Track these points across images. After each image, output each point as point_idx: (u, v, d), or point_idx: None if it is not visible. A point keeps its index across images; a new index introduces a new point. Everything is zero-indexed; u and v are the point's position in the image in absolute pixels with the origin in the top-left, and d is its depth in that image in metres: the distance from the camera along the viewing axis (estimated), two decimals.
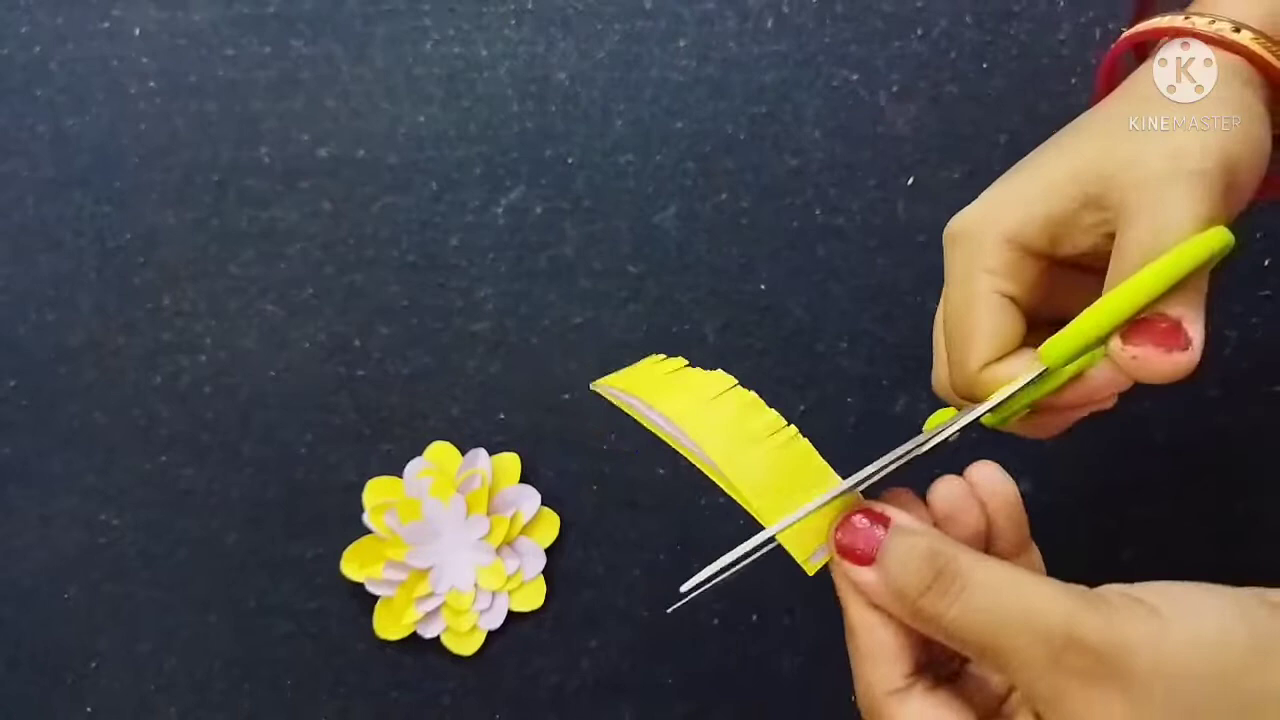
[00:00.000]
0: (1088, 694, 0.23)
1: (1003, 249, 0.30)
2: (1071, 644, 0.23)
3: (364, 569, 0.45)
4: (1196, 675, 0.22)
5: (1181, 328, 0.27)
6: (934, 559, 0.25)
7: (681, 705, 0.44)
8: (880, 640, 0.26)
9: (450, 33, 0.49)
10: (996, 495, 0.29)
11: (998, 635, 0.24)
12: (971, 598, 0.24)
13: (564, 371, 0.46)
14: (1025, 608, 0.23)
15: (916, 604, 0.25)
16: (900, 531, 0.26)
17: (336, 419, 0.47)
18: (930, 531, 0.26)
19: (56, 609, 0.46)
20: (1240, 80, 0.30)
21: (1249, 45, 0.30)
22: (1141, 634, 0.23)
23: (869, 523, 0.26)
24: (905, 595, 0.25)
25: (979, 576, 0.24)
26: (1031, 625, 0.23)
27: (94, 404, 0.47)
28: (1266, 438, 0.44)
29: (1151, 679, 0.22)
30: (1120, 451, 0.44)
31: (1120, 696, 0.22)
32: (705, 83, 0.48)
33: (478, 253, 0.47)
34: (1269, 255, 0.45)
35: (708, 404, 0.30)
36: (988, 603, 0.24)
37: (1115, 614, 0.23)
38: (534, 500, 0.45)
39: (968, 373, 0.30)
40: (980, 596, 0.24)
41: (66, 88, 0.50)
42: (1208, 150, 0.28)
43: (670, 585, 0.45)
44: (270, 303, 0.48)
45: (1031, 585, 0.24)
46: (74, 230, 0.49)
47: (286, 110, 0.49)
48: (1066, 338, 0.28)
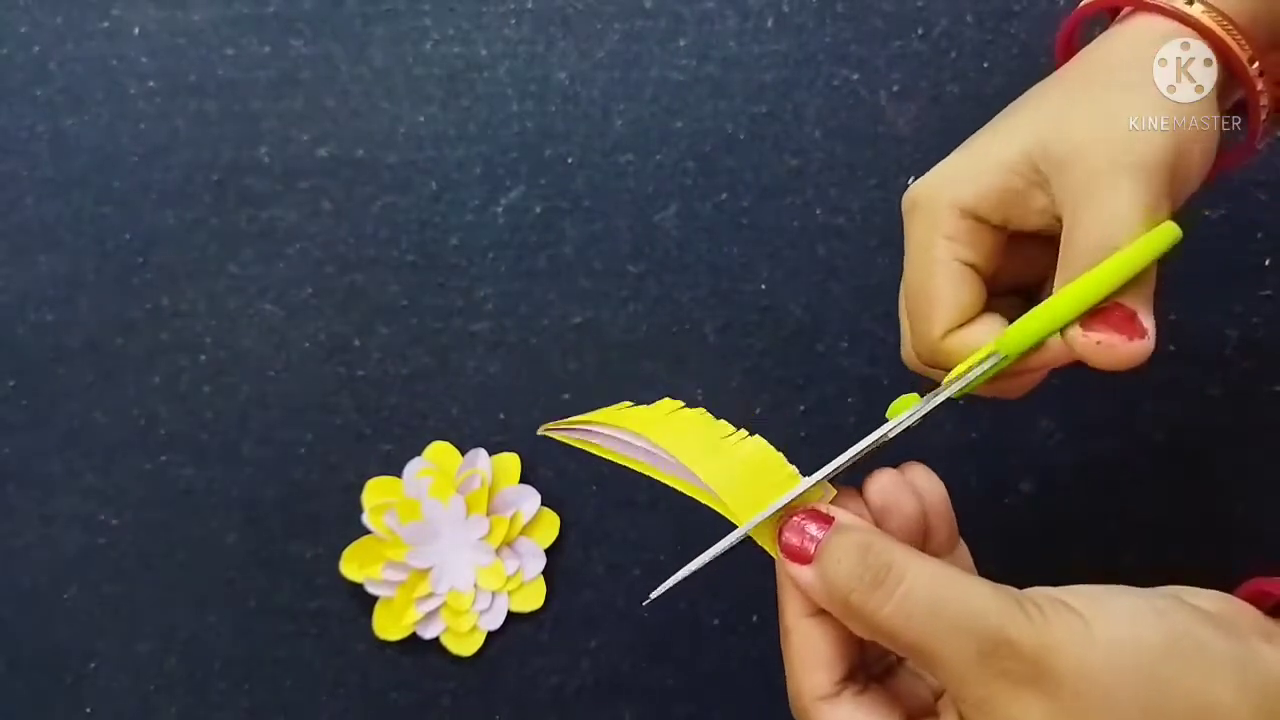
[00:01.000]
0: (1015, 696, 0.23)
1: (959, 218, 0.30)
2: (1002, 647, 0.23)
3: (363, 569, 0.45)
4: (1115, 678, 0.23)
5: (1138, 318, 0.28)
6: (867, 554, 0.25)
7: (681, 706, 0.44)
8: (814, 646, 0.27)
9: (450, 32, 0.49)
10: (927, 493, 0.29)
11: (930, 635, 0.24)
12: (905, 596, 0.24)
13: (564, 371, 0.46)
14: (959, 609, 0.23)
15: (850, 600, 0.25)
16: (839, 530, 0.26)
17: (336, 419, 0.47)
18: (867, 527, 0.26)
19: (56, 609, 0.46)
20: None
21: (1201, 19, 0.30)
22: (1066, 637, 0.23)
23: (813, 523, 0.27)
24: (838, 591, 0.25)
25: (913, 574, 0.24)
26: (964, 626, 0.23)
27: (93, 404, 0.47)
28: (1266, 438, 0.44)
29: (1075, 682, 0.22)
30: (1120, 451, 0.44)
31: (1044, 700, 0.23)
32: (705, 82, 0.47)
33: (477, 252, 0.47)
34: (1269, 255, 0.45)
35: (665, 418, 0.30)
36: (921, 601, 0.24)
37: (1044, 617, 0.23)
38: (534, 500, 0.45)
39: (931, 340, 0.30)
40: (914, 595, 0.24)
41: (66, 87, 0.50)
42: (1156, 142, 0.28)
43: None
44: (270, 302, 0.48)
45: (965, 585, 0.24)
46: (73, 230, 0.49)
47: (286, 110, 0.49)
48: (1024, 330, 0.28)
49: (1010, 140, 0.30)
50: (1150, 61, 0.30)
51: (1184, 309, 0.45)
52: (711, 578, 0.45)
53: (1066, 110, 0.30)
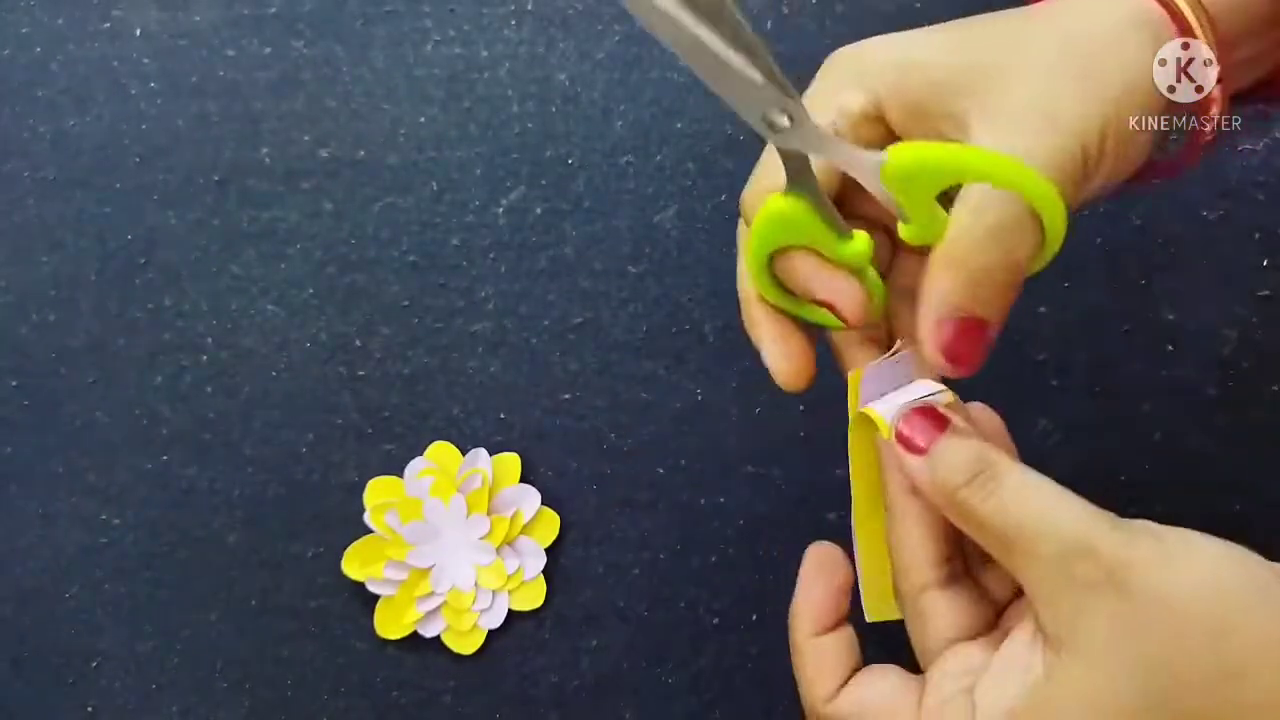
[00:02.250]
0: (1085, 600, 0.24)
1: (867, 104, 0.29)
2: (1084, 551, 0.24)
3: (365, 568, 0.45)
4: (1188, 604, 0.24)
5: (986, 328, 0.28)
6: (980, 457, 0.26)
7: (681, 705, 0.44)
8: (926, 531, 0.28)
9: (451, 33, 0.49)
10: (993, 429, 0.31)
11: (1020, 531, 0.25)
12: (1005, 494, 0.26)
13: (564, 371, 0.46)
14: (1051, 510, 0.25)
15: (957, 494, 0.26)
16: (956, 431, 0.27)
17: (337, 419, 0.47)
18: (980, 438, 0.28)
19: (58, 608, 0.46)
20: (1142, 30, 0.28)
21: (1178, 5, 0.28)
22: (1148, 556, 0.24)
23: (929, 421, 0.28)
24: (948, 485, 0.26)
25: (1015, 478, 0.26)
26: (1052, 526, 0.25)
27: (95, 404, 0.48)
28: (1266, 438, 0.44)
29: (1148, 598, 0.24)
30: (1120, 451, 0.44)
31: (1114, 607, 0.24)
32: None
33: (478, 253, 0.48)
34: (1268, 255, 0.45)
35: None
36: (1018, 500, 0.25)
37: (1130, 536, 0.25)
38: (534, 500, 0.45)
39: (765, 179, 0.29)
40: (1013, 495, 0.26)
41: (67, 88, 0.50)
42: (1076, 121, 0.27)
43: (670, 584, 0.45)
44: (271, 303, 0.48)
45: (1060, 493, 0.26)
46: (75, 231, 0.49)
47: (287, 111, 0.49)
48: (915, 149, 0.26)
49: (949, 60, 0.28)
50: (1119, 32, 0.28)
51: (1183, 309, 0.45)
52: (711, 577, 0.45)
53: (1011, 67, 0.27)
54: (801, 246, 0.28)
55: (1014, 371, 0.45)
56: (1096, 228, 0.46)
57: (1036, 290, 0.45)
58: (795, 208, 0.27)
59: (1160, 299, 0.45)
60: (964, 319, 0.27)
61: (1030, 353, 0.45)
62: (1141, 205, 0.46)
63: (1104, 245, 0.45)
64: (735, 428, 0.45)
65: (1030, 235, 0.27)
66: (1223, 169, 0.46)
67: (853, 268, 0.28)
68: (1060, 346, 0.45)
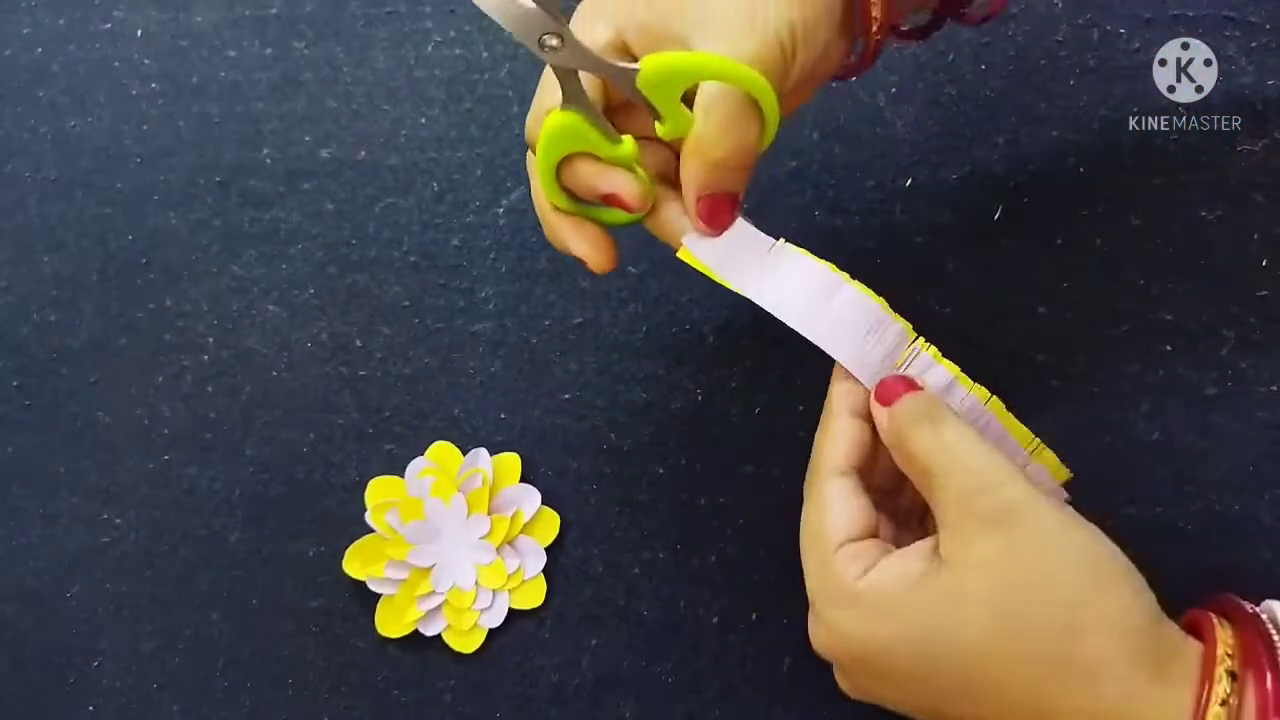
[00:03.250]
0: (974, 528, 0.30)
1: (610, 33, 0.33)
2: (985, 489, 0.30)
3: (366, 567, 0.45)
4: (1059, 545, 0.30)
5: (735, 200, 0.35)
6: (931, 407, 0.33)
7: (681, 705, 0.44)
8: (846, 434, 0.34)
9: (451, 34, 0.49)
10: None
11: (941, 464, 0.31)
12: (939, 436, 0.32)
13: (564, 371, 0.47)
14: (968, 454, 0.31)
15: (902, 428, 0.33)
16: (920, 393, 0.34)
17: (338, 418, 0.47)
18: (940, 399, 0.34)
19: (59, 608, 0.47)
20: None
21: None
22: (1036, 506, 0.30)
23: (904, 385, 0.34)
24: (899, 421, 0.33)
25: (951, 426, 0.32)
26: (965, 466, 0.31)
27: (97, 404, 0.48)
28: (1266, 438, 0.44)
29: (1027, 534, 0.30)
30: (1119, 451, 0.44)
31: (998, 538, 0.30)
32: None
33: (479, 253, 0.48)
34: (1267, 255, 0.45)
35: None
36: (947, 442, 0.32)
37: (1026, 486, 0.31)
38: (534, 499, 0.45)
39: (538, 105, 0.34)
40: (944, 437, 0.32)
41: (69, 89, 0.50)
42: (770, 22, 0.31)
43: (670, 583, 0.45)
44: (272, 303, 0.48)
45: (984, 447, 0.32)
46: (76, 231, 0.49)
47: (288, 112, 0.49)
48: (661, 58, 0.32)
49: None
50: None
51: (1183, 309, 0.45)
52: (712, 577, 0.45)
53: None
54: (582, 153, 0.33)
55: (1014, 371, 0.45)
56: (1096, 228, 0.46)
57: (1037, 290, 0.45)
58: (572, 120, 0.32)
59: (1160, 299, 0.45)
60: (713, 194, 0.34)
61: (1030, 353, 0.45)
62: (1141, 205, 0.46)
63: (1104, 245, 0.45)
64: (735, 428, 0.45)
65: (753, 122, 0.33)
66: (1222, 170, 0.46)
67: (626, 166, 0.34)
68: (1060, 346, 0.45)
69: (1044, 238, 0.46)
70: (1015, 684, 0.29)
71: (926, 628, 0.30)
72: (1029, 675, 0.29)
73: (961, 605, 0.30)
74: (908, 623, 0.30)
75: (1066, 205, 0.46)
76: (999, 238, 0.46)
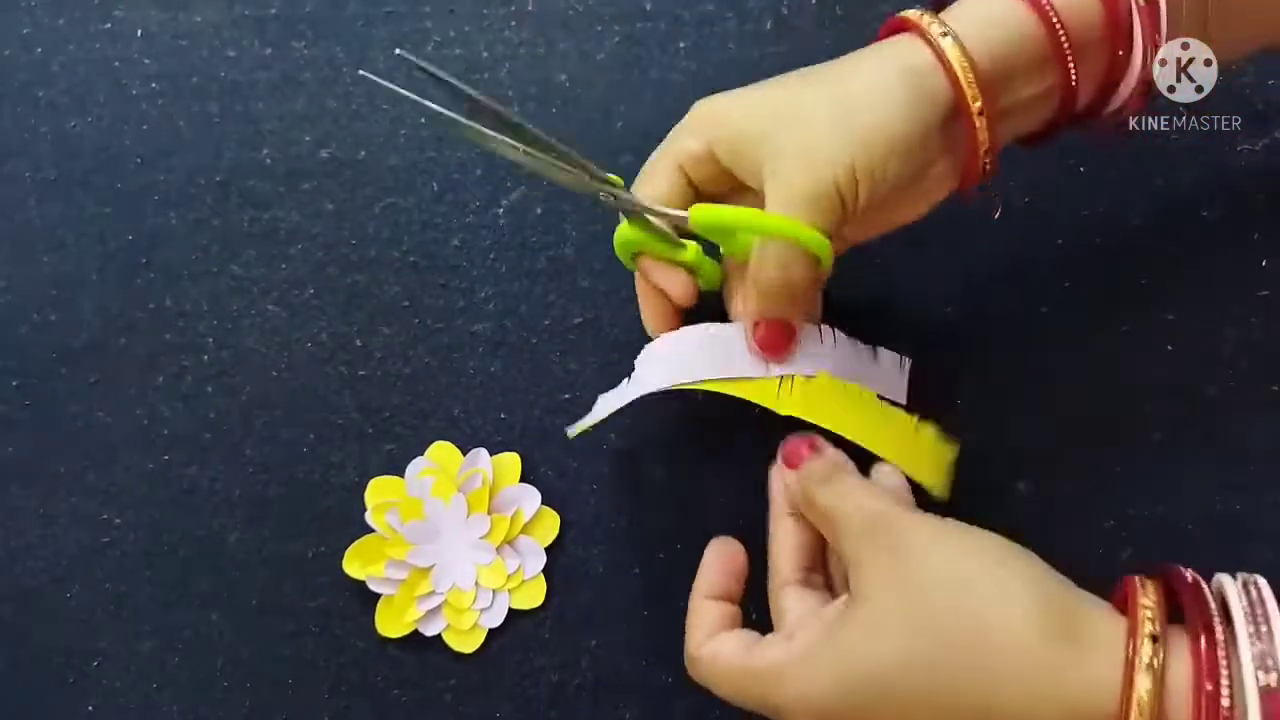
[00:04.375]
0: (874, 559, 0.32)
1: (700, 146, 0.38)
2: (880, 523, 0.33)
3: (366, 567, 0.45)
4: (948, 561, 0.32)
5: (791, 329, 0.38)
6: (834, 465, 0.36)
7: (681, 705, 0.44)
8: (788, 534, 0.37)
9: (451, 34, 0.49)
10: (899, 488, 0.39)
11: (843, 511, 0.34)
12: (840, 488, 0.35)
13: (564, 371, 0.47)
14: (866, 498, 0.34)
15: (808, 489, 0.36)
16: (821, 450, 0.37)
17: (338, 418, 0.47)
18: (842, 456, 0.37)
19: (58, 608, 0.46)
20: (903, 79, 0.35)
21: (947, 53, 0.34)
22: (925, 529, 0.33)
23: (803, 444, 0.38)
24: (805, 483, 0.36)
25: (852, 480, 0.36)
26: (862, 508, 0.34)
27: (96, 404, 0.48)
28: (1266, 438, 0.44)
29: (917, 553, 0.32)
30: (1119, 451, 0.44)
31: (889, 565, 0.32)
32: (705, 84, 0.48)
33: (479, 253, 0.48)
34: (1268, 255, 0.45)
35: None
36: (847, 492, 0.35)
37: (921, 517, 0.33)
38: (534, 499, 0.45)
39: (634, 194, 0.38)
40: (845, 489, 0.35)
41: (68, 89, 0.50)
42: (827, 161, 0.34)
43: (670, 584, 0.45)
44: (272, 303, 0.48)
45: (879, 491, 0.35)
46: (76, 231, 0.49)
47: (288, 112, 0.49)
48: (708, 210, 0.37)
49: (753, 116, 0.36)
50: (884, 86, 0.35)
51: (1182, 309, 0.45)
52: None
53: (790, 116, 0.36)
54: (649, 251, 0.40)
55: (1014, 371, 0.45)
56: (1097, 228, 0.46)
57: (1037, 290, 0.45)
58: (634, 232, 0.39)
59: (1160, 299, 0.45)
60: (770, 320, 0.38)
61: (1030, 353, 0.45)
62: (1141, 205, 0.46)
63: (1103, 245, 0.46)
64: (735, 427, 0.45)
65: (803, 264, 0.36)
66: (1222, 170, 0.46)
67: (690, 265, 0.39)
68: (1061, 346, 0.45)
69: (1044, 238, 0.46)
70: (944, 691, 0.30)
71: (851, 661, 0.31)
72: (954, 681, 0.30)
73: (875, 631, 0.31)
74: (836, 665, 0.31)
75: (1066, 205, 0.46)
76: (999, 238, 0.46)
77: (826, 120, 0.34)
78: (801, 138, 0.35)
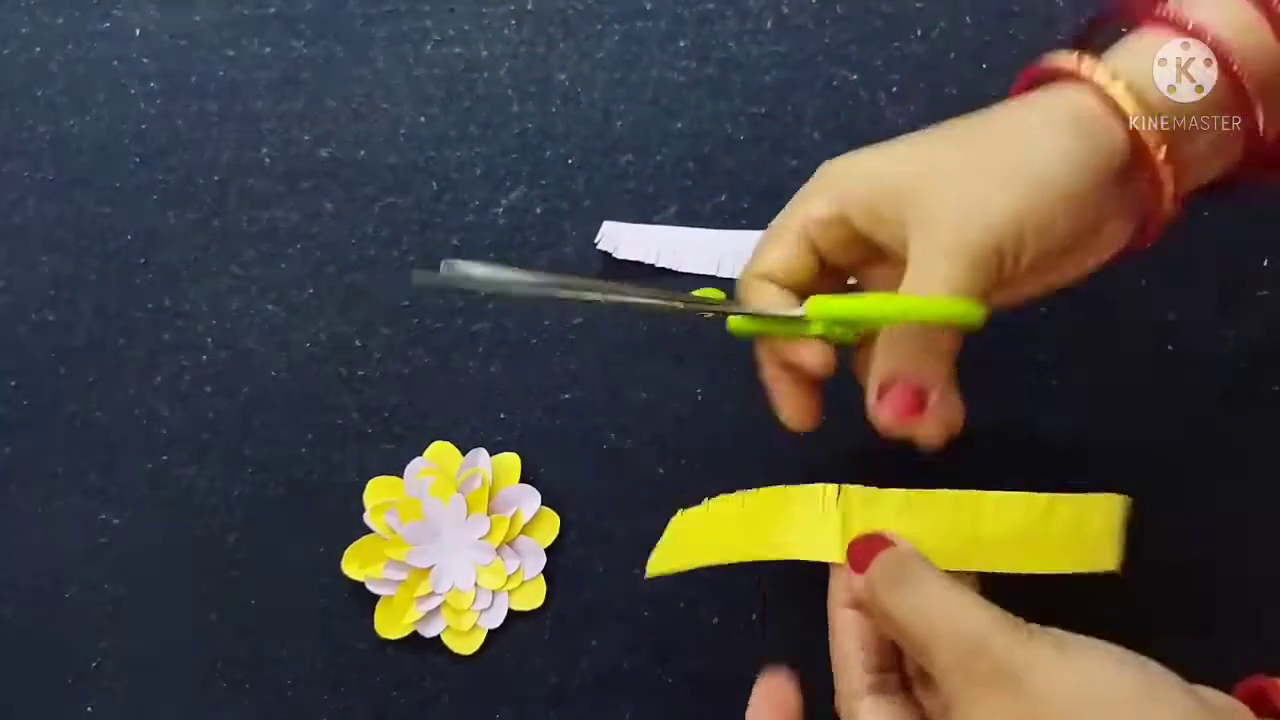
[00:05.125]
0: (981, 694, 0.26)
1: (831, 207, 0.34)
2: (982, 651, 0.27)
3: (365, 568, 0.45)
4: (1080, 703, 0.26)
5: (922, 395, 0.32)
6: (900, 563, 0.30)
7: (681, 705, 0.44)
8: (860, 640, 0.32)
9: (450, 33, 0.49)
10: None
11: (930, 631, 0.28)
12: (920, 599, 0.29)
13: (564, 371, 0.47)
14: (955, 613, 0.28)
15: (878, 599, 0.30)
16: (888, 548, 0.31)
17: (337, 419, 0.47)
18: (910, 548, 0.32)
19: (57, 608, 0.46)
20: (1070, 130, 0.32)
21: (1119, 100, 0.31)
22: (1042, 655, 0.26)
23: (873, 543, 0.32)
24: (876, 589, 0.30)
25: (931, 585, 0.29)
26: (955, 627, 0.28)
27: (95, 404, 0.48)
28: (1266, 438, 0.44)
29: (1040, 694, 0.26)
30: (1120, 451, 0.44)
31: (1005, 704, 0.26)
32: (705, 83, 0.48)
33: (478, 253, 0.48)
34: (1268, 255, 0.45)
35: None
36: (929, 605, 0.29)
37: (1028, 636, 0.27)
38: (534, 500, 0.45)
39: (746, 272, 0.35)
40: (926, 599, 0.29)
41: (67, 88, 0.50)
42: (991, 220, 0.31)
43: (670, 585, 0.45)
44: (271, 303, 0.48)
45: (968, 599, 0.28)
46: (75, 231, 0.49)
47: (287, 111, 0.49)
48: (829, 303, 0.33)
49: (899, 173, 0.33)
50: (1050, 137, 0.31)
51: (1182, 309, 0.45)
52: (712, 577, 0.45)
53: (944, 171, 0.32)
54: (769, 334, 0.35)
55: (1014, 371, 0.45)
56: None
57: None
58: (746, 323, 0.35)
59: (1160, 299, 0.45)
60: (903, 384, 0.32)
61: (1030, 353, 0.45)
62: None
63: None
64: (735, 428, 0.45)
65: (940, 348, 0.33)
66: None
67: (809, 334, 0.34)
68: (1060, 346, 0.45)
69: None
70: None
71: None
72: None
73: None
74: None
75: None
76: None
77: (987, 175, 0.31)
78: (960, 194, 0.31)
